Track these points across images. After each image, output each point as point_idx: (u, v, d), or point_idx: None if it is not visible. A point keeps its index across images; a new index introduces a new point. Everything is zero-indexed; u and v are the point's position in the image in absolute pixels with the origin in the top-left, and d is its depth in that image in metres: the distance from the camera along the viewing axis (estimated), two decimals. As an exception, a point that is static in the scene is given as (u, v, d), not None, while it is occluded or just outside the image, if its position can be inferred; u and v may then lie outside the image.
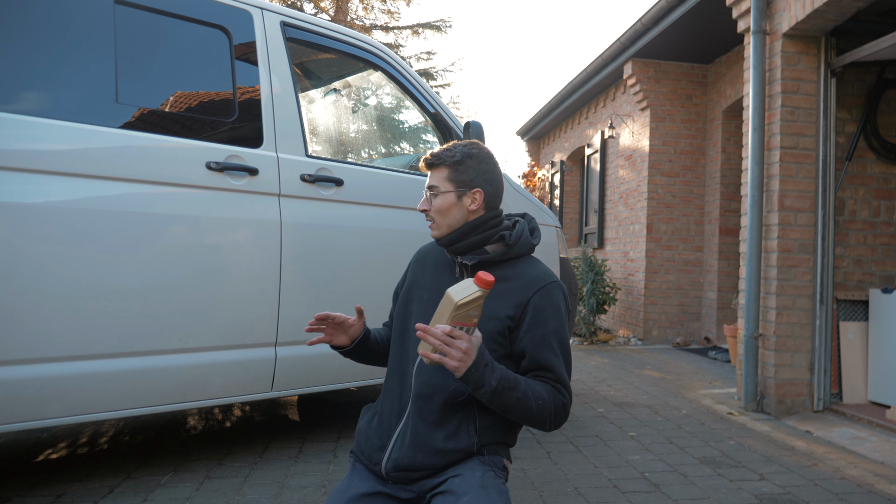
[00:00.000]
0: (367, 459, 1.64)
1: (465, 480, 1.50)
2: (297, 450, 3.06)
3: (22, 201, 2.18)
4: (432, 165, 1.70)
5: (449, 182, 1.67)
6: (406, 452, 1.57)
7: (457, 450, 1.56)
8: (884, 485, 2.85)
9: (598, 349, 6.90)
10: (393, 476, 1.58)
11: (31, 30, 2.29)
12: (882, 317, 4.09)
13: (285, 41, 2.93)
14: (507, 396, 1.47)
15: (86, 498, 2.40)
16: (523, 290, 1.61)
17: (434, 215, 1.68)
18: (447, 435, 1.56)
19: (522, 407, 1.49)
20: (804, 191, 4.14)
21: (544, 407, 1.51)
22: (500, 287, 1.59)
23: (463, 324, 1.39)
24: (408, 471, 1.57)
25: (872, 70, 4.32)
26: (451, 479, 1.53)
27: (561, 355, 1.58)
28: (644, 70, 7.31)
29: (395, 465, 1.57)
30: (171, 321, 2.49)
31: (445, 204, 1.67)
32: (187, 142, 2.57)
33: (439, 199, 1.67)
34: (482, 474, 1.53)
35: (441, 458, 1.56)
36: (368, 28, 13.98)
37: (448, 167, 1.68)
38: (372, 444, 1.64)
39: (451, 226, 1.67)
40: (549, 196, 11.32)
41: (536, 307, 1.59)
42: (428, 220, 1.70)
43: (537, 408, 1.50)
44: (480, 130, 3.13)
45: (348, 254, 2.97)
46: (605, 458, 3.10)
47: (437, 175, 1.69)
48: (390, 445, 1.60)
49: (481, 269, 1.63)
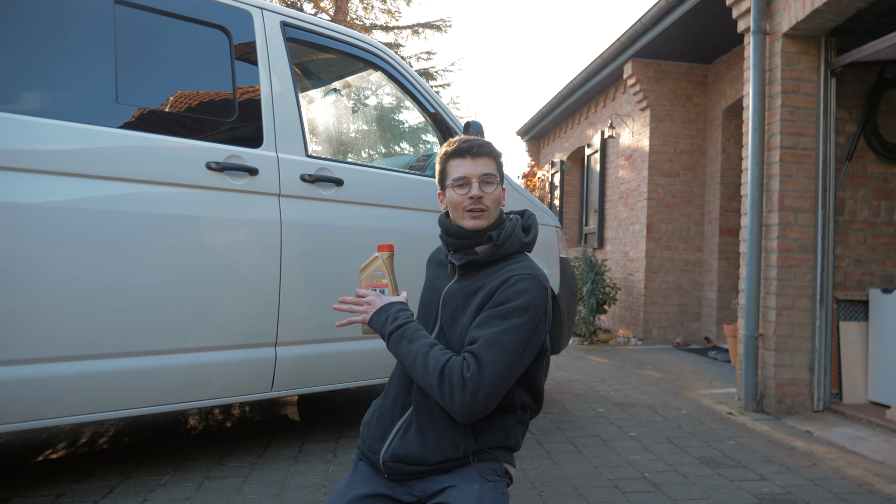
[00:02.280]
0: (367, 449, 1.66)
1: (463, 494, 1.49)
2: (297, 450, 3.05)
3: (22, 201, 2.17)
4: (481, 154, 1.64)
5: (497, 174, 1.67)
6: (404, 443, 1.58)
7: (452, 446, 1.56)
8: (884, 485, 2.85)
9: (598, 349, 6.90)
10: (389, 468, 1.59)
11: (32, 30, 2.29)
12: (882, 317, 4.09)
13: (285, 41, 2.93)
14: (401, 346, 1.57)
15: (86, 498, 2.40)
16: (494, 283, 1.58)
17: (490, 204, 1.63)
18: (444, 430, 1.56)
19: (412, 361, 1.54)
20: (804, 191, 4.14)
21: (433, 368, 1.49)
22: (480, 284, 1.61)
23: (374, 286, 1.70)
24: (402, 462, 1.57)
25: (872, 70, 4.31)
26: (450, 489, 1.52)
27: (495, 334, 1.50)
28: (644, 70, 7.31)
29: (392, 456, 1.58)
30: (171, 321, 2.49)
31: (498, 194, 1.66)
32: (187, 142, 2.57)
33: (495, 189, 1.65)
34: (480, 487, 1.51)
35: (434, 452, 1.55)
36: (368, 28, 13.97)
37: (495, 159, 1.67)
38: (374, 433, 1.65)
39: (492, 219, 1.65)
40: (549, 196, 11.32)
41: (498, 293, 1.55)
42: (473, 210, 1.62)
43: (423, 366, 1.51)
44: (480, 130, 3.13)
45: (348, 254, 2.96)
46: (605, 458, 3.10)
47: (488, 163, 1.65)
48: (391, 436, 1.61)
49: (468, 270, 1.66)
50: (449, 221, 1.69)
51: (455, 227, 1.66)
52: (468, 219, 1.63)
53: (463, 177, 1.63)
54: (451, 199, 1.65)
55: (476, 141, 1.67)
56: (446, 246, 1.71)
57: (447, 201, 1.68)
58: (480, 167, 1.63)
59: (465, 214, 1.63)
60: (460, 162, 1.65)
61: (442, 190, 1.71)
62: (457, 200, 1.64)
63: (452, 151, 1.67)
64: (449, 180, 1.66)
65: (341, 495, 1.57)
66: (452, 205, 1.65)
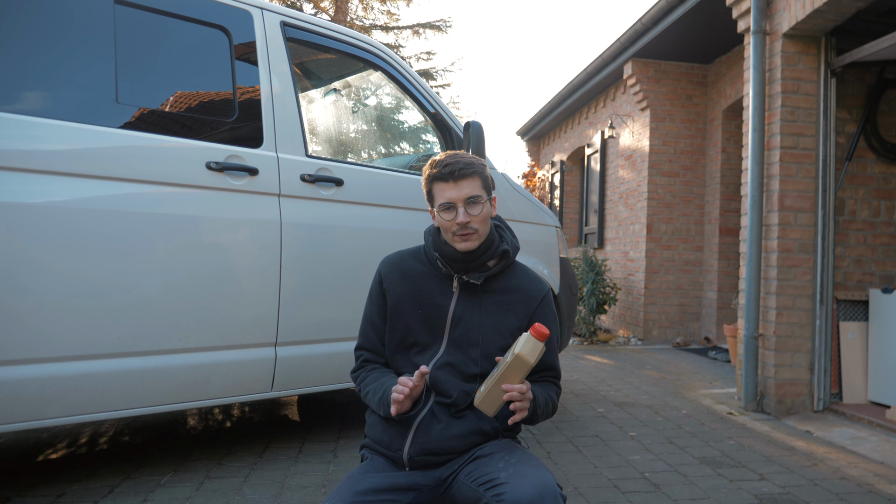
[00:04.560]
0: (385, 448, 1.66)
1: (493, 447, 1.63)
2: (297, 450, 3.05)
3: (22, 201, 2.18)
4: (463, 176, 1.66)
5: (483, 190, 1.69)
6: (432, 437, 1.61)
7: (479, 432, 1.65)
8: (884, 485, 2.85)
9: (598, 349, 6.90)
10: (417, 461, 1.61)
11: (32, 30, 2.29)
12: (882, 317, 4.09)
13: (285, 41, 2.93)
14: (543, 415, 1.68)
15: (86, 498, 2.40)
16: (528, 303, 1.72)
17: (479, 226, 1.66)
18: (470, 422, 1.65)
19: (546, 415, 1.70)
20: (804, 191, 4.14)
21: (554, 407, 1.74)
22: (504, 300, 1.70)
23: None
24: (434, 455, 1.61)
25: (872, 70, 4.31)
26: (477, 449, 1.64)
27: (557, 353, 1.78)
28: (644, 70, 7.31)
29: (420, 450, 1.61)
30: (171, 321, 2.49)
31: (486, 212, 1.68)
32: (187, 142, 2.57)
33: (483, 209, 1.67)
34: (508, 441, 1.67)
35: (465, 441, 1.63)
36: (368, 28, 13.97)
37: (480, 176, 1.69)
38: (391, 431, 1.66)
39: (484, 236, 1.69)
40: (549, 196, 11.32)
41: (540, 316, 1.72)
42: (462, 234, 1.65)
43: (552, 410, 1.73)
44: (480, 130, 3.13)
45: (348, 254, 2.97)
46: (605, 458, 3.10)
47: (472, 184, 1.66)
48: (412, 431, 1.63)
49: (485, 285, 1.70)
50: (442, 242, 1.71)
51: (451, 249, 1.69)
52: (459, 241, 1.67)
53: (448, 202, 1.66)
54: (441, 222, 1.69)
55: (458, 163, 1.67)
56: (448, 266, 1.71)
57: (437, 222, 1.72)
58: (465, 190, 1.65)
59: (456, 238, 1.67)
60: (444, 186, 1.67)
61: (431, 208, 1.74)
62: (445, 225, 1.68)
63: (436, 175, 1.68)
64: (436, 204, 1.69)
65: (356, 482, 1.56)
66: (442, 227, 1.70)
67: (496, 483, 1.48)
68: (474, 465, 1.58)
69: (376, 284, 1.77)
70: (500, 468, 1.52)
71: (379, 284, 1.76)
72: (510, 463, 1.53)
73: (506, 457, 1.57)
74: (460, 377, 1.66)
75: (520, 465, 1.52)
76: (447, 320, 1.69)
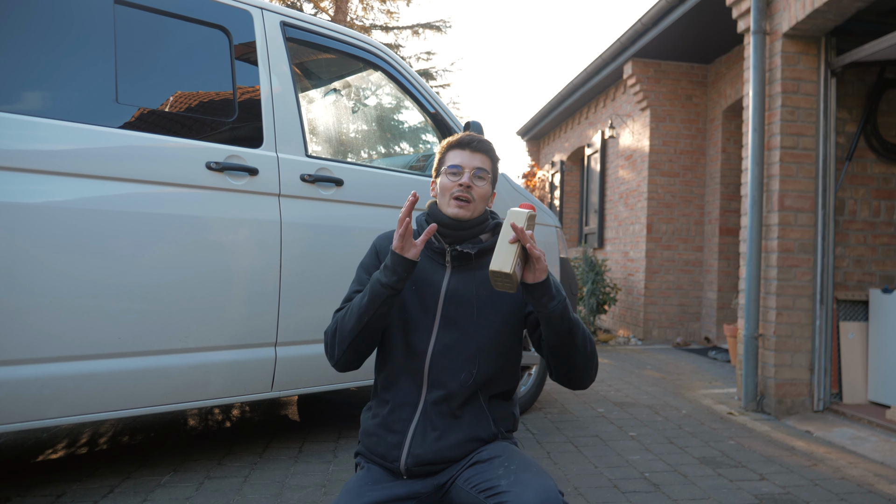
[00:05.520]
0: (380, 458, 1.64)
1: (491, 451, 1.60)
2: (297, 450, 3.05)
3: (22, 201, 2.18)
4: (479, 150, 1.70)
5: (491, 172, 1.72)
6: (428, 447, 1.59)
7: (477, 439, 1.63)
8: (884, 485, 2.85)
9: (598, 349, 6.89)
10: (414, 471, 1.60)
11: (32, 30, 2.29)
12: (882, 317, 4.09)
13: (285, 41, 2.93)
14: (571, 313, 1.55)
15: (86, 498, 2.40)
16: None
17: (476, 196, 1.67)
18: (467, 427, 1.62)
19: (582, 330, 1.58)
20: (804, 191, 4.14)
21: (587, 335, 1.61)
22: None
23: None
24: (431, 464, 1.60)
25: (872, 70, 4.31)
26: (475, 454, 1.61)
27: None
28: (644, 70, 7.31)
29: (416, 461, 1.59)
30: (171, 321, 2.49)
31: (486, 191, 1.71)
32: (187, 142, 2.57)
33: (485, 185, 1.69)
34: (506, 445, 1.64)
35: (461, 449, 1.61)
36: (368, 28, 13.97)
37: (491, 158, 1.73)
38: (385, 441, 1.63)
39: (476, 213, 1.69)
40: (549, 196, 11.32)
41: None
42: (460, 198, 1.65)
43: (588, 336, 1.61)
44: (480, 130, 3.13)
45: (348, 254, 2.96)
46: (605, 458, 3.10)
47: (484, 160, 1.70)
48: (407, 442, 1.61)
49: (479, 257, 1.68)
50: (437, 210, 1.71)
51: (443, 216, 1.68)
52: (453, 206, 1.66)
53: (458, 165, 1.68)
54: (442, 183, 1.69)
55: (479, 138, 1.72)
56: (441, 237, 1.69)
57: (438, 186, 1.71)
58: (476, 161, 1.69)
59: (452, 202, 1.66)
60: (458, 153, 1.70)
61: (436, 177, 1.74)
62: (447, 185, 1.68)
63: (454, 142, 1.72)
64: (444, 167, 1.71)
65: (356, 496, 1.53)
66: (442, 190, 1.69)
67: (497, 491, 1.46)
68: (473, 471, 1.56)
69: (372, 256, 1.75)
70: (500, 475, 1.50)
71: (375, 256, 1.74)
72: (510, 470, 1.51)
73: (505, 462, 1.54)
74: (459, 357, 1.63)
75: (520, 471, 1.50)
76: (440, 296, 1.66)
